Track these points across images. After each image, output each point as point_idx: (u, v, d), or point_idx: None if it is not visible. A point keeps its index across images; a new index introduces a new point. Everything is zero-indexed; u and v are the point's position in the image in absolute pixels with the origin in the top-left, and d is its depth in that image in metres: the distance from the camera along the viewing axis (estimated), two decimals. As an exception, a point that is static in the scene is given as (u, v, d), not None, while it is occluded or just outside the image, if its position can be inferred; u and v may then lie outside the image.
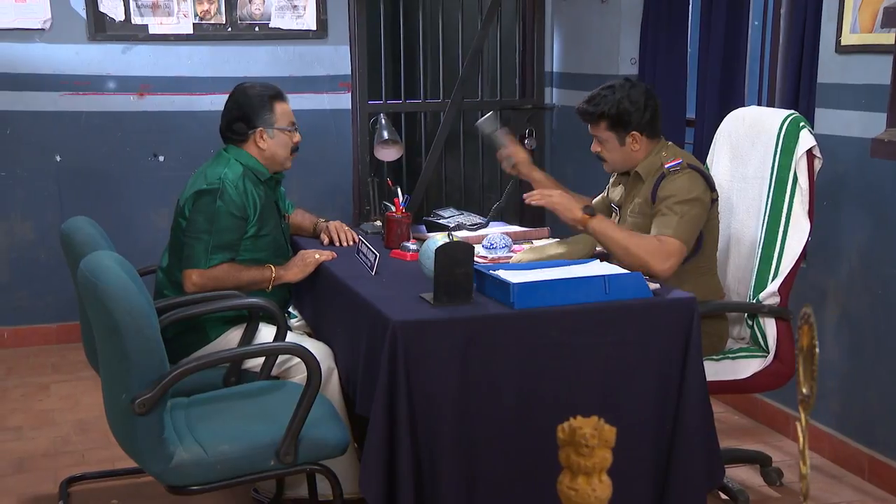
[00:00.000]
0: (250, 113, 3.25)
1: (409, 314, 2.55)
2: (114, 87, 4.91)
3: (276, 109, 3.27)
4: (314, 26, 5.11)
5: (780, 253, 3.13)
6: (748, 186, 3.29)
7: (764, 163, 3.20)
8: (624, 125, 3.15)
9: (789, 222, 3.12)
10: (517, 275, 2.66)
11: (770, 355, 3.13)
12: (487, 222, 3.65)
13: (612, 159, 3.25)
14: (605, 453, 1.28)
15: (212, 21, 4.97)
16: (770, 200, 3.17)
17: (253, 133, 3.24)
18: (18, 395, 4.31)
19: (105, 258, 2.51)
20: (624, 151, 3.20)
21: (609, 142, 3.20)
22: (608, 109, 3.14)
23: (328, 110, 5.20)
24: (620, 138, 3.18)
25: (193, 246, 3.09)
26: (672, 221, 3.01)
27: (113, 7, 4.84)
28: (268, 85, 3.36)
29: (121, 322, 2.35)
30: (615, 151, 3.22)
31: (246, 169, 3.20)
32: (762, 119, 3.28)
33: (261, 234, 3.20)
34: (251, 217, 3.16)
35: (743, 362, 3.15)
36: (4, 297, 4.91)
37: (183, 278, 3.10)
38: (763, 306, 3.12)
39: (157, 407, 2.43)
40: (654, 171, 3.16)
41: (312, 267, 3.19)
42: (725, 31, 4.19)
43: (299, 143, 3.36)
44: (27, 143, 4.85)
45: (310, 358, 2.57)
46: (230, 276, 3.11)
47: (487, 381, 2.55)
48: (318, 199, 5.21)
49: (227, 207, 3.09)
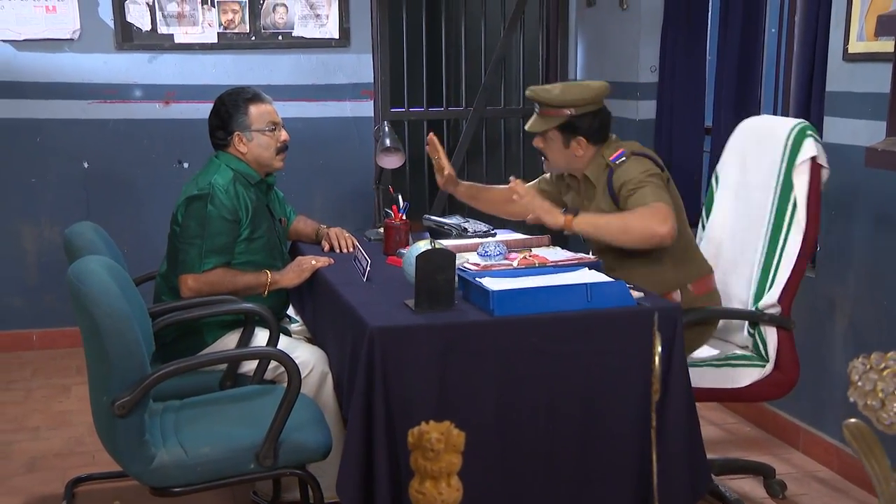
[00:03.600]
0: (226, 118, 3.30)
1: (389, 320, 2.56)
2: (140, 95, 5.01)
3: (252, 112, 3.30)
4: (337, 35, 5.16)
5: (779, 261, 3.09)
6: (754, 195, 3.25)
7: (771, 171, 3.17)
8: (573, 129, 3.16)
9: (790, 231, 3.08)
10: (498, 282, 2.67)
11: (770, 364, 3.08)
12: (493, 230, 3.64)
13: (553, 159, 3.26)
14: (453, 457, 1.28)
15: (236, 30, 5.04)
16: (774, 209, 3.13)
17: (232, 138, 3.29)
18: (40, 396, 4.42)
19: (92, 263, 2.56)
20: (566, 154, 3.21)
21: (554, 141, 3.21)
22: None
23: (350, 118, 5.25)
24: (566, 140, 3.18)
25: (187, 251, 3.14)
26: (647, 192, 3.00)
27: (140, 17, 4.94)
28: (245, 89, 3.39)
29: (101, 324, 2.40)
30: (558, 152, 3.22)
31: (236, 173, 3.25)
32: (772, 128, 3.24)
33: (254, 236, 3.24)
34: (243, 220, 3.21)
35: (742, 370, 3.11)
36: (33, 300, 5.04)
37: (179, 284, 3.15)
38: (763, 315, 3.08)
39: (138, 409, 2.47)
40: (602, 172, 3.17)
41: (308, 273, 3.23)
42: (742, 39, 4.14)
43: (287, 142, 3.37)
44: (56, 150, 4.98)
45: (287, 362, 2.59)
46: (226, 280, 3.15)
47: (466, 388, 2.55)
48: (341, 206, 5.27)
49: (218, 211, 3.13)
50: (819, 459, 3.62)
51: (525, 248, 3.35)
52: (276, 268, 3.28)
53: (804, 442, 3.70)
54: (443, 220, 3.66)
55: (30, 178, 4.97)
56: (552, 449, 2.62)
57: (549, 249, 3.28)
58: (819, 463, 3.61)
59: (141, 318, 2.71)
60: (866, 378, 1.31)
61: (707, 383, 3.06)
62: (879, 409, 1.29)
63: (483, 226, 3.65)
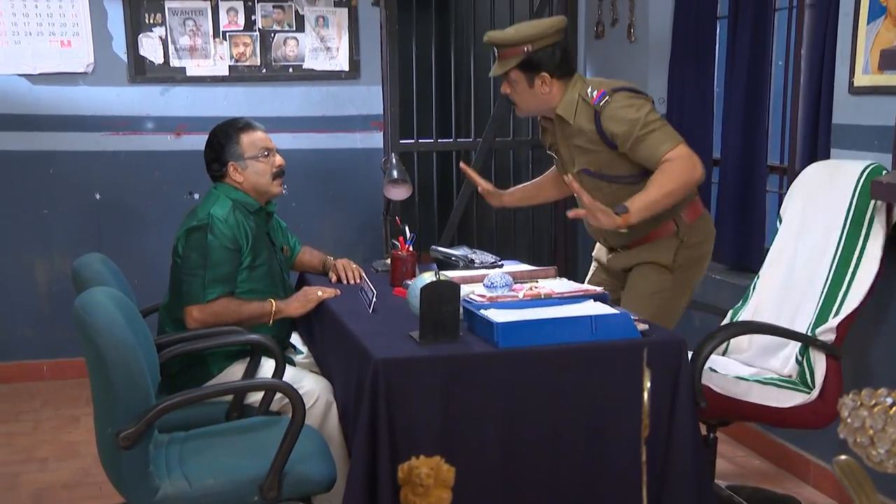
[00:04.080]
0: (219, 150, 3.34)
1: (393, 352, 2.57)
2: (152, 127, 5.06)
3: (243, 141, 3.33)
4: (347, 67, 5.21)
5: (846, 292, 3.08)
6: (817, 228, 3.27)
7: (840, 207, 3.18)
8: (534, 66, 3.18)
9: (860, 264, 3.08)
10: (503, 314, 2.67)
11: (815, 392, 3.05)
12: (500, 262, 3.65)
13: (521, 102, 3.29)
14: (442, 493, 1.28)
15: (247, 63, 5.10)
16: (843, 241, 3.14)
17: (227, 168, 3.31)
18: (49, 427, 4.43)
19: (98, 294, 2.58)
20: (533, 94, 3.23)
21: (518, 83, 3.23)
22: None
23: (360, 149, 5.29)
24: (529, 79, 3.20)
25: (191, 283, 3.16)
26: (658, 137, 3.06)
27: (153, 50, 5.00)
28: (236, 119, 3.42)
29: (106, 356, 2.41)
30: (525, 94, 3.25)
31: (235, 203, 3.27)
32: (842, 168, 3.29)
33: (255, 264, 3.26)
34: (244, 248, 3.22)
35: (787, 392, 3.07)
36: (45, 331, 5.06)
37: (185, 315, 3.16)
38: (817, 339, 3.06)
39: (142, 440, 2.47)
40: (576, 108, 3.19)
41: (313, 303, 3.24)
42: (749, 72, 4.15)
43: (283, 167, 3.39)
44: (69, 182, 5.02)
45: (292, 393, 2.60)
46: (230, 309, 3.16)
47: (470, 419, 2.55)
48: (350, 237, 5.29)
49: (218, 241, 3.15)
50: (830, 494, 3.59)
51: (531, 279, 3.35)
52: (278, 296, 3.29)
53: (814, 476, 3.67)
54: (450, 252, 3.67)
55: (42, 209, 5.02)
56: (556, 480, 2.61)
57: (556, 281, 3.28)
58: (830, 497, 3.58)
59: (147, 350, 2.72)
60: (855, 415, 1.31)
61: (754, 398, 3.05)
62: (869, 445, 1.29)
63: (490, 257, 3.66)
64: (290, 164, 5.14)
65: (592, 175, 3.29)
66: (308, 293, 3.27)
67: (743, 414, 3.08)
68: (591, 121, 3.18)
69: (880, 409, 1.29)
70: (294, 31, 5.13)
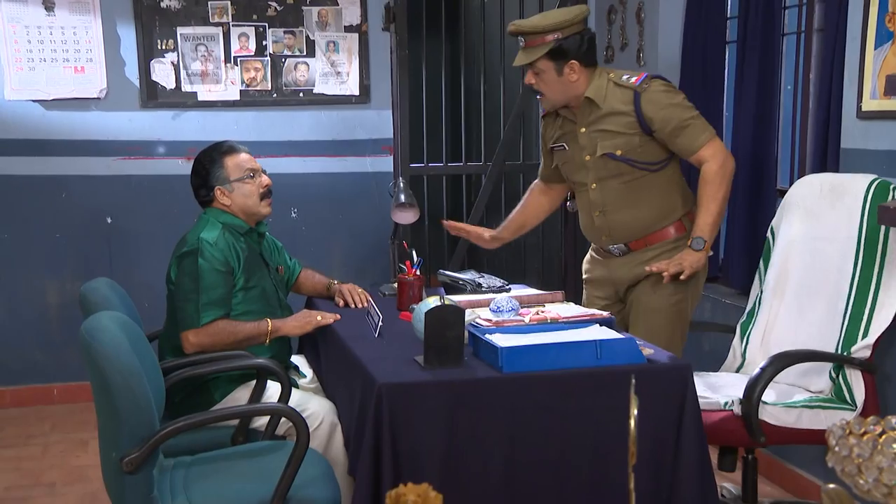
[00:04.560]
0: (205, 175, 3.35)
1: (397, 376, 2.57)
2: (163, 151, 5.09)
3: (228, 164, 3.34)
4: (357, 91, 5.24)
5: (872, 310, 3.08)
6: (825, 246, 3.28)
7: (849, 224, 3.19)
8: (563, 54, 3.20)
9: (881, 281, 3.07)
10: (508, 338, 2.66)
11: (858, 409, 3.05)
12: (508, 286, 3.64)
13: (549, 92, 3.29)
14: None
15: (258, 87, 5.13)
16: (860, 260, 3.14)
17: (213, 193, 3.33)
18: (58, 451, 4.44)
19: (104, 319, 2.59)
20: (562, 83, 3.24)
21: (546, 72, 3.23)
22: None
23: (370, 173, 5.30)
24: (559, 67, 3.21)
25: (185, 308, 3.17)
26: (698, 127, 3.21)
27: (165, 76, 5.04)
28: (219, 143, 3.43)
29: (111, 380, 2.42)
30: (553, 83, 3.26)
31: (224, 226, 3.28)
32: (842, 184, 3.29)
33: (249, 285, 3.26)
34: (236, 270, 3.23)
35: (832, 412, 3.04)
36: (55, 355, 5.08)
37: (182, 341, 3.17)
38: (853, 358, 3.05)
39: (146, 465, 2.47)
40: (608, 92, 3.25)
41: (311, 326, 3.25)
42: (757, 96, 4.14)
43: (270, 187, 3.40)
44: (80, 206, 5.06)
45: (296, 417, 2.59)
46: (226, 331, 3.17)
47: (475, 445, 2.54)
48: (359, 260, 5.29)
49: (209, 264, 3.16)
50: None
51: (538, 303, 3.34)
52: (275, 316, 3.30)
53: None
54: (457, 276, 3.66)
55: (54, 233, 5.05)
56: (561, 507, 2.60)
57: (563, 305, 3.27)
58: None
59: (153, 375, 2.72)
60: (843, 443, 1.30)
61: (806, 424, 3.04)
62: (856, 474, 1.28)
63: (498, 281, 3.65)
64: (299, 189, 5.22)
65: (616, 159, 3.30)
66: (308, 315, 3.29)
67: (797, 440, 3.08)
68: (628, 103, 3.23)
69: (869, 437, 1.28)
70: (305, 56, 5.16)
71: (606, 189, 3.36)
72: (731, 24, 4.47)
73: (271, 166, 5.11)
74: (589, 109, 3.30)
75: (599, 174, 3.34)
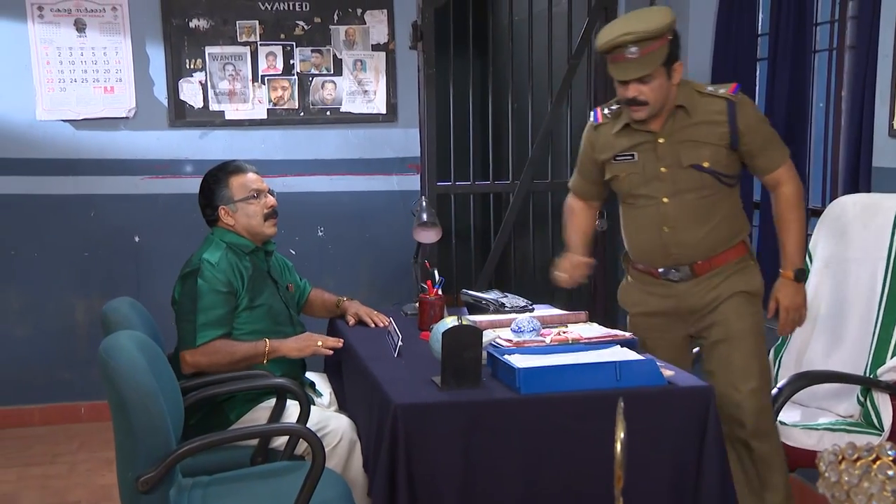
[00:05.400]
0: (210, 195, 3.37)
1: (413, 397, 2.54)
2: (191, 170, 5.10)
3: (232, 184, 3.35)
4: (384, 110, 5.23)
5: None
6: (857, 267, 3.26)
7: (878, 243, 3.16)
8: (673, 57, 2.99)
9: None
10: (526, 359, 2.63)
11: (885, 433, 2.99)
12: (532, 305, 3.60)
13: (655, 99, 3.01)
14: None
15: (285, 106, 5.14)
16: (888, 280, 3.11)
17: (218, 212, 3.35)
18: (84, 469, 4.44)
19: (123, 338, 2.58)
20: (667, 88, 3.01)
21: (656, 78, 2.97)
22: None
23: (397, 191, 5.29)
24: (668, 71, 2.98)
25: (184, 328, 3.17)
26: (775, 152, 3.10)
27: (193, 95, 5.06)
28: (227, 163, 3.45)
29: (127, 399, 2.42)
30: (660, 90, 3.00)
31: (229, 245, 3.29)
32: (874, 203, 3.27)
33: (255, 304, 3.26)
34: (240, 290, 3.22)
35: (858, 437, 2.99)
36: (83, 373, 5.09)
37: (181, 362, 3.16)
38: (880, 381, 2.99)
39: (162, 485, 2.46)
40: (695, 101, 3.06)
41: (311, 351, 3.22)
42: (788, 114, 4.09)
43: (275, 207, 3.39)
44: (108, 225, 5.08)
45: (311, 438, 2.57)
46: (223, 351, 3.15)
47: (492, 467, 2.50)
48: (385, 279, 5.27)
49: (209, 285, 3.16)
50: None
51: (561, 324, 3.30)
52: (283, 334, 3.29)
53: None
54: (480, 295, 3.64)
55: (83, 251, 5.08)
56: (579, 530, 2.55)
57: (585, 326, 3.23)
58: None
59: (171, 394, 2.71)
60: (832, 469, 1.26)
61: (819, 447, 2.98)
62: (845, 501, 1.23)
63: (521, 301, 3.62)
64: (326, 207, 5.22)
65: (703, 170, 3.09)
66: (309, 338, 3.26)
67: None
68: (721, 112, 3.05)
69: (863, 462, 1.24)
70: (332, 75, 5.17)
71: (681, 203, 3.13)
72: (762, 41, 4.42)
73: (298, 185, 5.18)
74: (676, 118, 3.08)
75: (677, 187, 3.11)
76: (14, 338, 5.06)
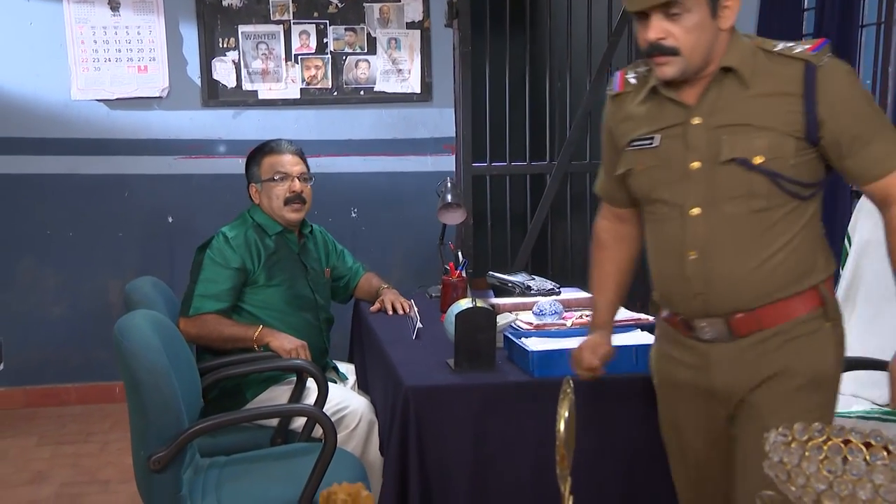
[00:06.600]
0: (247, 171, 3.42)
1: (425, 379, 2.50)
2: (224, 150, 5.09)
3: (264, 163, 3.37)
4: (419, 89, 5.17)
5: None
6: None
7: None
8: None
9: None
10: (542, 342, 2.56)
11: None
12: (559, 288, 3.53)
13: (689, 47, 2.00)
14: None
15: (318, 86, 5.10)
16: None
17: (249, 189, 3.40)
18: (115, 448, 4.46)
19: (138, 317, 2.57)
20: (712, 32, 2.01)
21: (694, 12, 1.98)
22: None
23: (432, 172, 5.22)
24: (713, 6, 1.99)
25: (185, 295, 3.23)
26: (885, 143, 2.00)
27: (226, 75, 5.04)
28: (268, 142, 3.46)
29: (140, 379, 2.41)
30: (698, 32, 1.99)
31: (254, 223, 3.31)
32: None
33: (271, 284, 3.25)
34: (255, 268, 3.22)
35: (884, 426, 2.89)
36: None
37: None
38: None
39: (174, 464, 2.45)
40: (757, 63, 2.04)
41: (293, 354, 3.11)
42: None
43: (298, 192, 3.35)
44: (142, 206, 5.09)
45: (324, 420, 2.54)
46: (212, 326, 3.16)
47: (504, 450, 2.46)
48: (420, 261, 5.22)
49: (213, 258, 3.20)
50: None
51: (585, 307, 3.23)
52: (301, 318, 3.28)
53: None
54: (507, 278, 3.57)
55: (117, 232, 5.09)
56: (593, 515, 2.48)
57: (610, 308, 3.14)
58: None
59: (187, 373, 2.70)
60: (775, 449, 1.20)
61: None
62: (787, 481, 1.17)
63: (549, 283, 3.55)
64: (360, 188, 5.18)
65: (754, 169, 2.02)
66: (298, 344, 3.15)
67: None
68: (794, 81, 2.00)
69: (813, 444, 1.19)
70: (366, 54, 5.12)
71: (718, 217, 2.07)
72: (808, 15, 4.30)
73: (331, 165, 5.14)
74: (723, 87, 2.06)
75: (714, 192, 2.07)
76: (51, 317, 5.10)
